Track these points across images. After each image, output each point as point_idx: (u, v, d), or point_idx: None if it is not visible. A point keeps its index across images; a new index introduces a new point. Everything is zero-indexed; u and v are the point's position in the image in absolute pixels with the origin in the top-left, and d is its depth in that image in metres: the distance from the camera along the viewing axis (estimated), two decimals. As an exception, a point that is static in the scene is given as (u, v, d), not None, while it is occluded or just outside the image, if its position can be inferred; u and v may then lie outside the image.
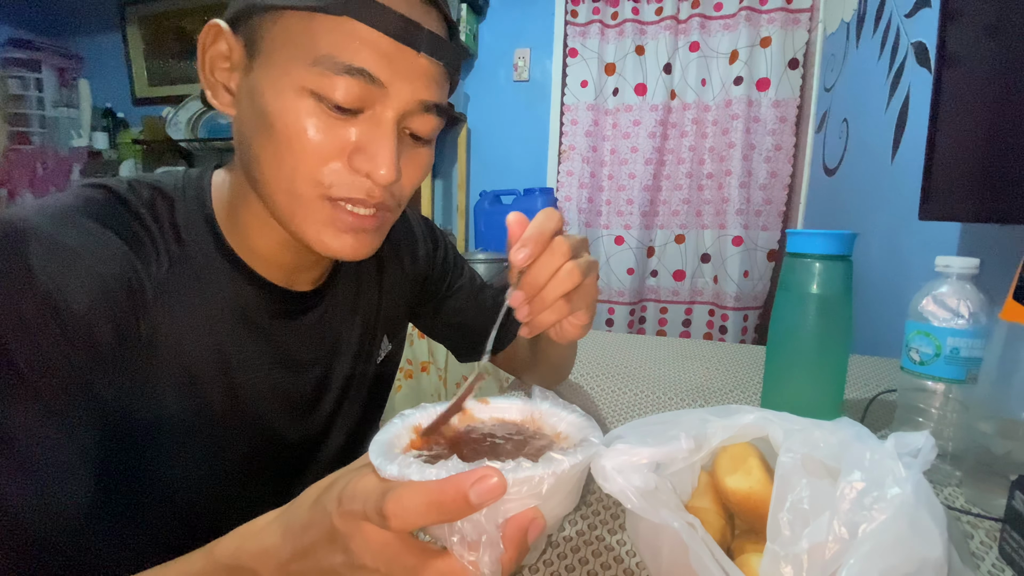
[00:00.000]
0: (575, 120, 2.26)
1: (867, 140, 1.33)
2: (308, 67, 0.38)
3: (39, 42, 2.70)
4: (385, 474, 0.26)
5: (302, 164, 0.40)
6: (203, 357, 0.45)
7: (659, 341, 1.05)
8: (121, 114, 2.93)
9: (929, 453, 0.29)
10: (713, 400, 0.71)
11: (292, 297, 0.51)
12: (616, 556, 0.39)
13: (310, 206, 0.42)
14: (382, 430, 0.31)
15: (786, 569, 0.26)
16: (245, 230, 0.47)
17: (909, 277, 1.06)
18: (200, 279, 0.45)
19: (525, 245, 0.36)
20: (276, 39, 0.40)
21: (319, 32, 0.38)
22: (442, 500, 0.24)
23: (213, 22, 0.42)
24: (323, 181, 0.41)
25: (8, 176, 2.53)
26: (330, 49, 0.38)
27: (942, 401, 0.50)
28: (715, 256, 2.14)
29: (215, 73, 0.43)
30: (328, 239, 0.43)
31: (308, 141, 0.39)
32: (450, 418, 0.35)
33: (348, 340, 0.57)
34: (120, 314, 0.39)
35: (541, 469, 0.25)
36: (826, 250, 0.54)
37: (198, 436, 0.46)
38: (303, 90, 0.39)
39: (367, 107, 0.40)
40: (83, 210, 0.40)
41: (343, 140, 0.40)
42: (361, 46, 0.39)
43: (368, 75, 0.39)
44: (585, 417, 0.34)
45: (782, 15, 1.94)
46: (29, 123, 2.67)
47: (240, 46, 0.42)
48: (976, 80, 0.67)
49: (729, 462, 0.35)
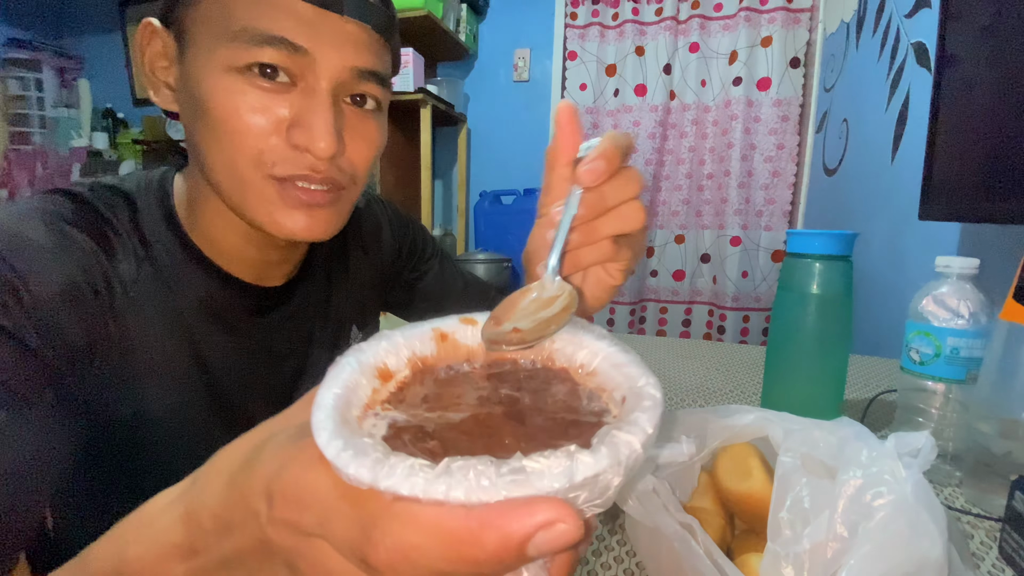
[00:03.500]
0: (575, 121, 2.26)
1: (867, 140, 1.33)
2: (228, 43, 0.37)
3: (39, 42, 2.70)
4: (348, 476, 0.15)
5: (240, 144, 0.39)
6: (178, 356, 0.45)
7: (659, 341, 1.05)
8: (121, 114, 2.93)
9: (929, 453, 0.29)
10: (713, 400, 0.71)
11: (263, 293, 0.50)
12: (616, 556, 0.39)
13: (256, 188, 0.40)
14: (327, 380, 0.19)
15: (786, 569, 0.26)
16: (207, 227, 0.46)
17: (909, 277, 1.06)
18: (168, 280, 0.44)
19: (597, 162, 0.27)
20: (198, 23, 0.39)
21: (235, 6, 0.38)
22: (476, 555, 0.14)
23: (146, 20, 0.41)
24: (264, 160, 0.40)
25: (8, 176, 2.53)
26: (247, 21, 0.37)
27: (942, 401, 0.50)
28: (714, 256, 2.14)
29: (156, 72, 0.43)
30: (280, 218, 0.41)
31: (241, 120, 0.38)
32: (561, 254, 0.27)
33: (322, 331, 0.57)
34: (89, 310, 0.38)
35: (607, 462, 0.15)
36: (826, 250, 0.54)
37: (179, 432, 0.46)
38: (228, 68, 0.38)
39: (298, 79, 0.39)
40: (47, 210, 0.39)
41: (277, 115, 0.39)
42: (278, 13, 0.37)
43: (289, 43, 0.37)
44: (619, 346, 0.23)
45: (782, 15, 1.94)
46: (29, 123, 2.67)
47: (172, 40, 0.41)
48: (976, 80, 0.67)
49: (729, 462, 0.35)
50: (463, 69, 2.39)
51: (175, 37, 0.41)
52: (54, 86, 2.76)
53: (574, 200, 0.28)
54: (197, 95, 0.39)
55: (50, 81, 2.73)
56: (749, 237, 2.06)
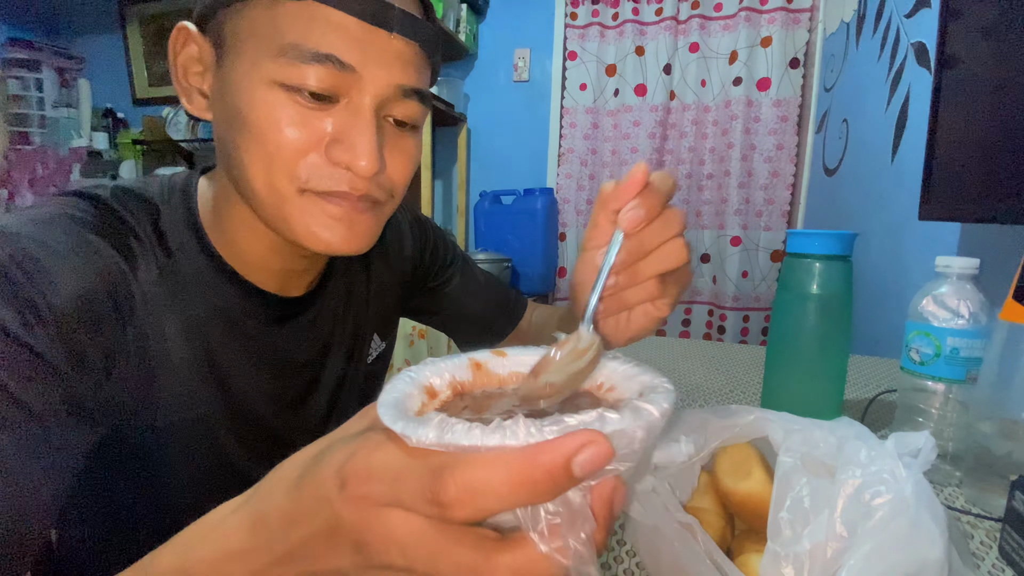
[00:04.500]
0: (574, 123, 2.26)
1: (867, 140, 1.33)
2: (275, 58, 0.37)
3: (39, 42, 2.70)
4: (416, 441, 0.19)
5: (278, 159, 0.38)
6: (194, 364, 0.44)
7: (659, 341, 1.05)
8: (121, 114, 2.93)
9: (929, 453, 0.29)
10: (713, 400, 0.71)
11: (284, 303, 0.50)
12: (616, 556, 0.39)
13: (295, 201, 0.40)
14: (386, 390, 0.23)
15: (786, 569, 0.26)
16: (232, 236, 0.46)
17: (909, 277, 1.06)
18: (189, 288, 0.44)
19: (638, 207, 0.30)
20: (241, 32, 0.38)
21: (284, 20, 0.37)
22: (534, 476, 0.17)
23: (181, 25, 0.40)
24: (301, 175, 0.39)
25: (8, 176, 2.53)
26: (296, 37, 0.36)
27: (942, 401, 0.50)
28: (714, 256, 2.14)
29: (189, 78, 0.42)
30: (320, 230, 0.41)
31: (282, 135, 0.38)
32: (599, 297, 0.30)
33: (340, 340, 0.57)
34: (106, 320, 0.38)
35: (631, 420, 0.19)
36: (826, 250, 0.54)
37: (193, 441, 0.45)
38: (272, 83, 0.37)
39: (342, 95, 0.39)
40: (69, 216, 0.39)
41: (319, 131, 0.39)
42: (328, 30, 0.37)
43: (338, 61, 0.37)
44: (632, 363, 0.27)
45: (782, 15, 1.94)
46: (29, 123, 2.67)
47: (209, 46, 0.40)
48: (976, 80, 0.67)
49: (729, 462, 0.35)
50: (463, 69, 2.39)
51: (213, 44, 0.40)
52: (54, 86, 2.76)
53: (615, 247, 0.30)
54: (237, 106, 0.38)
55: (50, 81, 2.73)
56: (749, 237, 2.06)
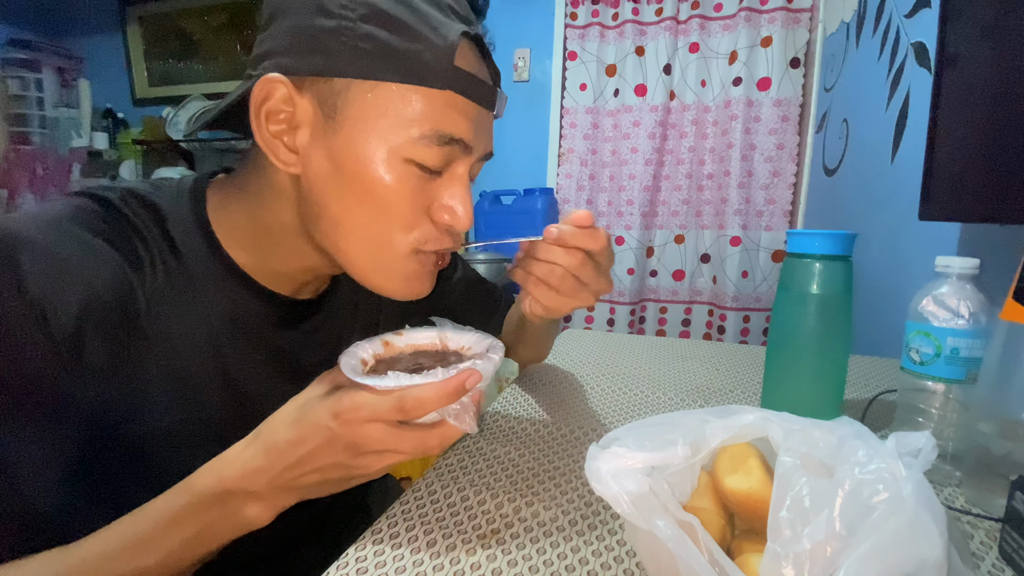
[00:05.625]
0: (574, 123, 2.27)
1: (867, 140, 1.33)
2: (412, 138, 0.40)
3: (39, 42, 2.70)
4: (381, 387, 0.35)
5: (397, 225, 0.42)
6: (201, 366, 0.44)
7: (659, 341, 1.05)
8: (121, 114, 2.93)
9: (930, 453, 0.29)
10: (713, 400, 0.71)
11: (295, 306, 0.51)
12: (616, 556, 0.39)
13: (399, 263, 0.44)
14: (343, 363, 0.38)
15: (786, 569, 0.26)
16: (268, 255, 0.47)
17: (909, 277, 1.06)
18: (197, 290, 0.44)
19: (563, 226, 0.46)
20: (371, 108, 0.40)
21: (422, 104, 0.40)
22: (448, 391, 0.35)
23: (273, 78, 0.39)
24: (413, 240, 0.43)
25: (8, 176, 2.53)
26: (434, 123, 0.40)
27: (942, 401, 0.50)
28: (714, 256, 2.14)
29: (269, 124, 0.41)
30: (409, 290, 0.46)
31: (406, 205, 0.42)
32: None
33: (347, 345, 0.57)
34: (111, 325, 0.38)
35: (486, 364, 0.38)
36: (826, 250, 0.54)
37: (198, 443, 0.45)
38: (403, 159, 0.41)
39: (446, 168, 0.43)
40: (75, 219, 0.39)
41: (431, 199, 0.43)
42: (459, 117, 0.41)
43: (464, 144, 0.42)
44: (480, 333, 0.45)
45: (782, 15, 1.94)
46: (29, 123, 2.67)
47: (310, 104, 0.40)
48: (976, 80, 0.67)
49: (729, 462, 0.35)
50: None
51: (317, 104, 0.40)
52: (54, 86, 2.76)
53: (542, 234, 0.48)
54: (358, 173, 0.41)
55: (50, 81, 2.74)
56: (749, 237, 2.06)
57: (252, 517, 0.37)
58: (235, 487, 0.36)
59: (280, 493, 0.37)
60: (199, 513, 0.36)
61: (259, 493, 0.36)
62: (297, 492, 0.37)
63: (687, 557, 0.27)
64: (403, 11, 0.39)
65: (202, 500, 0.36)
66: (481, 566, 0.38)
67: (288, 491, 0.37)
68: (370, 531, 0.42)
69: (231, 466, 0.36)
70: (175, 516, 0.36)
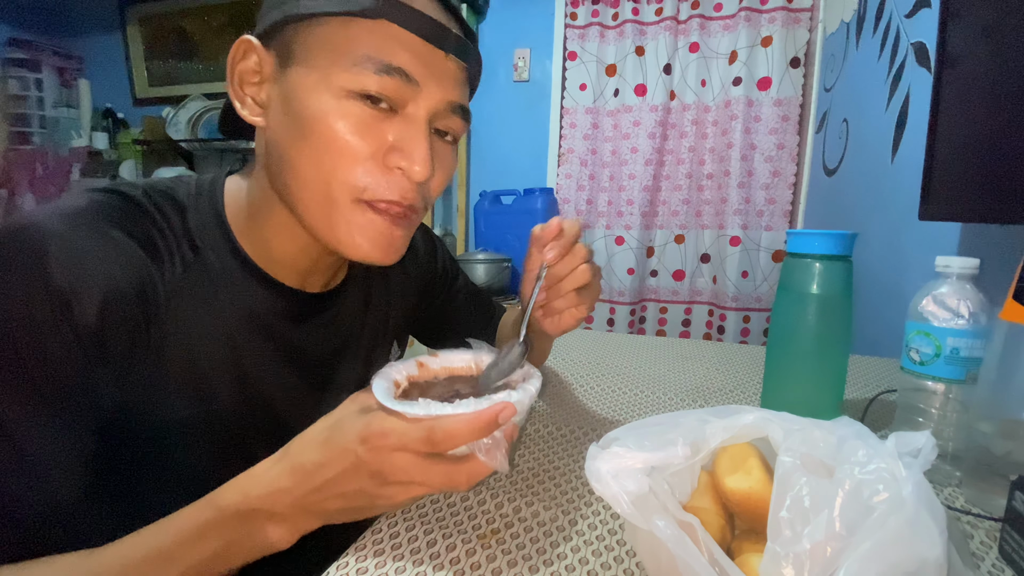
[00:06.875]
0: (574, 123, 2.26)
1: (867, 140, 1.33)
2: (348, 68, 0.40)
3: (39, 42, 2.70)
4: (411, 415, 0.33)
5: (341, 163, 0.41)
6: (215, 359, 0.45)
7: (659, 341, 1.05)
8: (121, 114, 2.93)
9: (930, 453, 0.29)
10: (713, 400, 0.71)
11: (305, 299, 0.52)
12: (616, 556, 0.39)
13: (345, 210, 0.43)
14: (375, 385, 0.37)
15: (786, 569, 0.26)
16: (264, 237, 0.48)
17: (909, 277, 1.06)
18: (214, 284, 0.45)
19: (554, 247, 0.46)
20: (313, 45, 0.41)
21: (357, 35, 0.40)
22: (479, 425, 0.33)
23: (244, 38, 0.43)
24: (359, 183, 0.42)
25: (8, 176, 2.53)
26: (369, 50, 0.40)
27: (942, 401, 0.50)
28: (714, 256, 2.14)
29: (244, 87, 0.44)
30: (361, 240, 0.44)
31: (349, 140, 0.41)
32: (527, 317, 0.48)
33: (357, 343, 0.58)
34: (131, 318, 0.39)
35: (521, 395, 0.36)
36: (826, 250, 0.54)
37: (210, 436, 0.46)
38: (343, 91, 0.40)
39: (401, 107, 0.42)
40: (98, 213, 0.40)
41: (380, 140, 0.42)
42: (397, 47, 0.41)
43: (405, 74, 0.41)
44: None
45: (783, 15, 1.94)
46: (29, 123, 2.67)
47: (271, 58, 0.43)
48: (976, 80, 0.67)
49: (729, 462, 0.35)
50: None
51: (276, 56, 0.43)
52: (54, 86, 2.76)
53: (543, 272, 0.48)
54: (302, 112, 0.41)
55: (50, 81, 2.74)
56: (749, 237, 2.06)
57: (274, 539, 0.36)
58: (260, 506, 0.35)
59: (303, 516, 0.36)
60: (222, 530, 0.36)
61: (283, 515, 0.36)
62: (321, 516, 0.36)
63: (687, 557, 0.27)
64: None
65: (226, 516, 0.35)
66: (481, 566, 0.38)
67: (311, 515, 0.36)
68: (370, 531, 0.42)
69: (258, 484, 0.36)
70: (199, 530, 0.36)
